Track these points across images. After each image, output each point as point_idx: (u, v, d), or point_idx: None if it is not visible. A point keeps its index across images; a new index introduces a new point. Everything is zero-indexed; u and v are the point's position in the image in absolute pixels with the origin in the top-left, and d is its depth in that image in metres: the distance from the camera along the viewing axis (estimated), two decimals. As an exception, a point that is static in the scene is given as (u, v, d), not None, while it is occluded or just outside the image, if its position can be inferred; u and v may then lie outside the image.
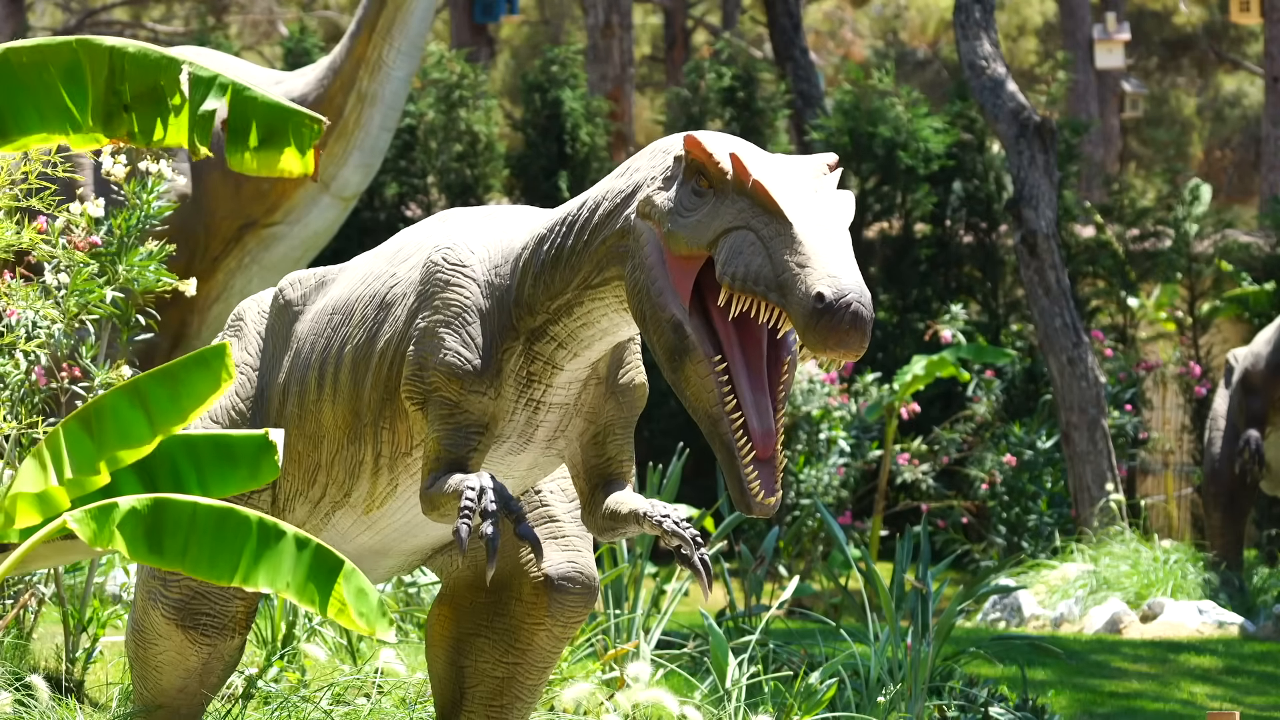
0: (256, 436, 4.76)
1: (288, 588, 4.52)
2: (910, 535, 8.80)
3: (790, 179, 4.51)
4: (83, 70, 4.77)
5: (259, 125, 4.85)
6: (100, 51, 4.78)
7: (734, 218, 4.47)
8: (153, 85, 4.79)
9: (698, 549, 4.83)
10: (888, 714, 7.52)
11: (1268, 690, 10.27)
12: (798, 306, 4.31)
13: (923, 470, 14.96)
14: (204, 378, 4.69)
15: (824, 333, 4.28)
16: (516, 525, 4.73)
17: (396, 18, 10.11)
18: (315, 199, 10.22)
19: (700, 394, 4.54)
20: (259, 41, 32.98)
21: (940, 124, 17.18)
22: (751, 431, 4.52)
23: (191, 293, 6.85)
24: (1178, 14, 34.69)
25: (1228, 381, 13.12)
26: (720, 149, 4.55)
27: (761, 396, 4.56)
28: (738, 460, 4.52)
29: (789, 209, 4.41)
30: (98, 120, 4.78)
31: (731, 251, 4.44)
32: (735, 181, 4.49)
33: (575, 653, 7.75)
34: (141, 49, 4.80)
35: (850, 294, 4.28)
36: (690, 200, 4.57)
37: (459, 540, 4.69)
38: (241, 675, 6.87)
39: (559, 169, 17.09)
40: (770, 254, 4.37)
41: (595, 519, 5.10)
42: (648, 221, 4.65)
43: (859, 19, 36.49)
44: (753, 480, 4.52)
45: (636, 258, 4.65)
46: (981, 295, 17.24)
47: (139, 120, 4.80)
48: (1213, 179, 32.49)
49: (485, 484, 4.75)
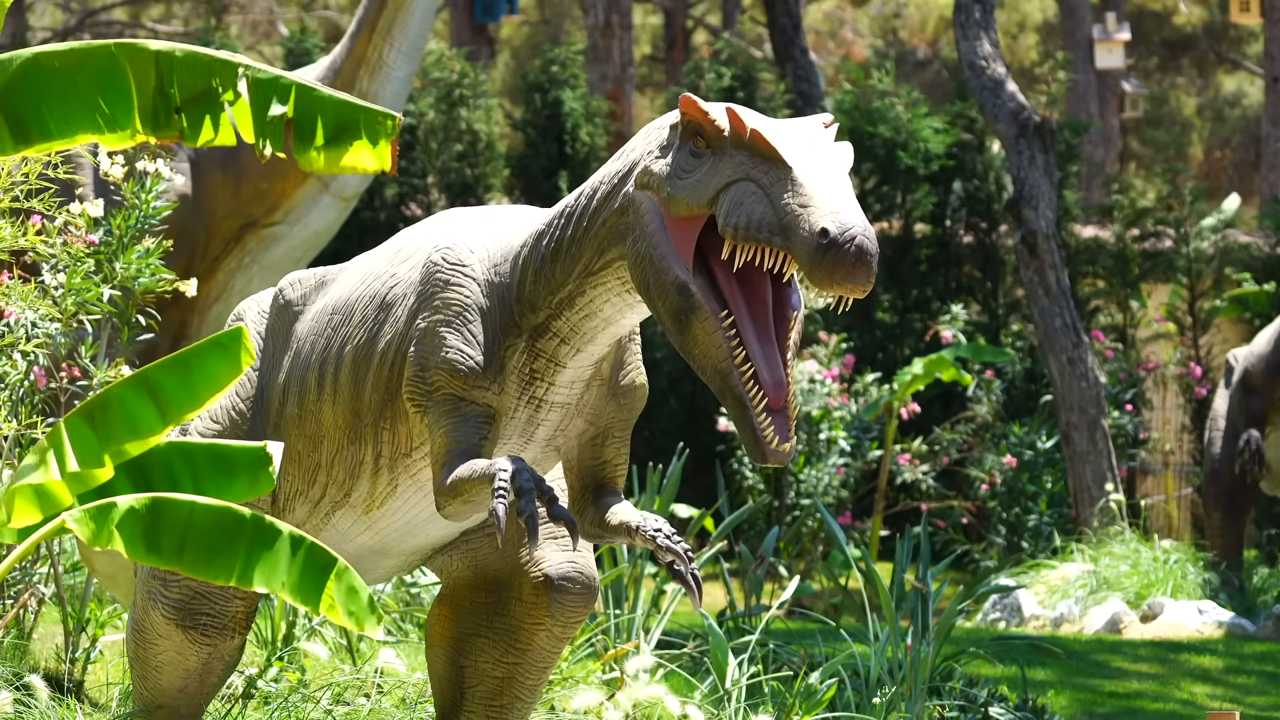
0: (254, 448, 4.76)
1: (283, 587, 4.53)
2: (910, 535, 8.79)
3: (788, 131, 4.55)
4: (123, 73, 4.77)
5: (326, 122, 4.85)
6: (145, 55, 4.78)
7: (733, 171, 4.50)
8: (206, 88, 4.79)
9: (689, 564, 4.84)
10: (888, 714, 7.52)
11: (1268, 690, 10.27)
12: (802, 245, 4.33)
13: (923, 470, 14.96)
14: (221, 362, 4.69)
15: (830, 267, 4.31)
16: (551, 506, 4.72)
17: (396, 18, 10.11)
18: (315, 199, 10.22)
19: (709, 350, 4.56)
20: (259, 41, 32.97)
21: (940, 124, 17.18)
22: (763, 382, 4.53)
23: (192, 293, 6.85)
24: (1178, 14, 34.69)
25: (1228, 381, 13.12)
26: (716, 107, 4.58)
27: (770, 349, 4.58)
28: (750, 411, 4.53)
29: (788, 154, 4.44)
30: (146, 122, 4.78)
31: (733, 204, 4.47)
32: (733, 136, 4.52)
33: (575, 653, 7.75)
34: (190, 52, 4.80)
35: (855, 228, 4.31)
36: (688, 162, 4.60)
37: (496, 520, 4.65)
38: (241, 675, 6.87)
39: (559, 169, 17.09)
40: (771, 200, 4.41)
41: (582, 521, 5.10)
42: (646, 191, 4.68)
43: (859, 19, 36.50)
44: (766, 428, 4.52)
45: (637, 229, 4.67)
46: (981, 295, 17.24)
47: (188, 122, 4.81)
48: (1213, 179, 32.52)
49: (517, 465, 4.74)
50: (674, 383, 16.52)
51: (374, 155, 4.89)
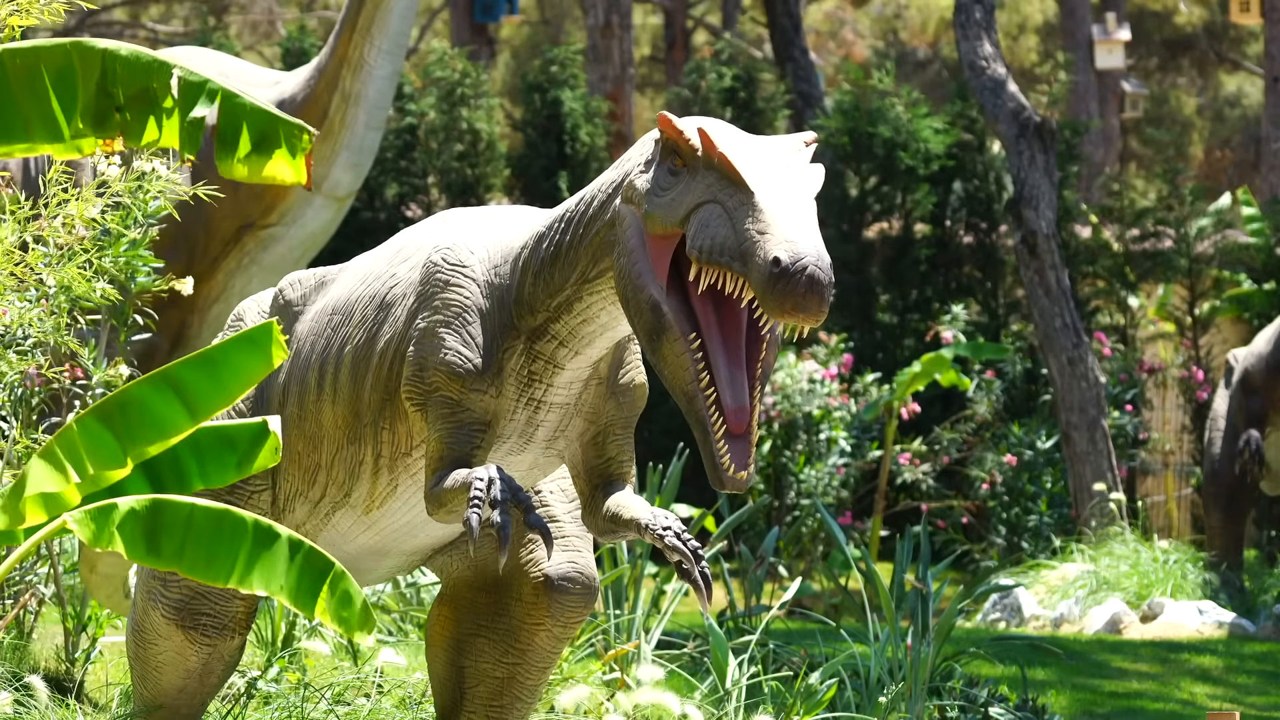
0: (254, 424, 4.78)
1: (281, 590, 4.53)
2: (910, 535, 8.79)
3: (760, 154, 4.54)
4: (74, 72, 4.79)
5: (250, 131, 4.86)
6: (93, 54, 4.80)
7: (703, 192, 4.51)
8: (145, 88, 4.81)
9: (698, 563, 4.83)
10: (888, 714, 7.52)
11: (1268, 690, 10.27)
12: (756, 272, 4.34)
13: (923, 470, 14.95)
14: (251, 357, 4.69)
15: (780, 296, 4.32)
16: (526, 515, 4.74)
17: (376, 16, 10.12)
18: (309, 200, 10.23)
19: (676, 372, 4.58)
20: (258, 42, 32.97)
21: (940, 124, 17.17)
22: (724, 407, 4.55)
23: (188, 292, 6.84)
24: (1178, 14, 34.68)
25: (1228, 382, 13.11)
26: (690, 125, 4.59)
27: (737, 373, 4.59)
28: (710, 435, 4.54)
29: (751, 179, 4.45)
30: (88, 122, 4.80)
31: (700, 225, 4.48)
32: (704, 156, 4.53)
33: (575, 653, 7.75)
34: (135, 51, 4.82)
35: (806, 258, 4.31)
36: (666, 180, 4.61)
37: (469, 531, 4.68)
38: (242, 675, 6.87)
39: (559, 169, 17.08)
40: (734, 224, 4.42)
41: (596, 520, 5.10)
42: (630, 205, 4.70)
43: (859, 19, 36.48)
44: (723, 454, 4.54)
45: (620, 243, 4.69)
46: (981, 295, 17.23)
47: (131, 122, 4.82)
48: (1213, 179, 32.50)
49: (493, 474, 4.76)
50: (674, 383, 16.50)
51: (292, 167, 4.90)
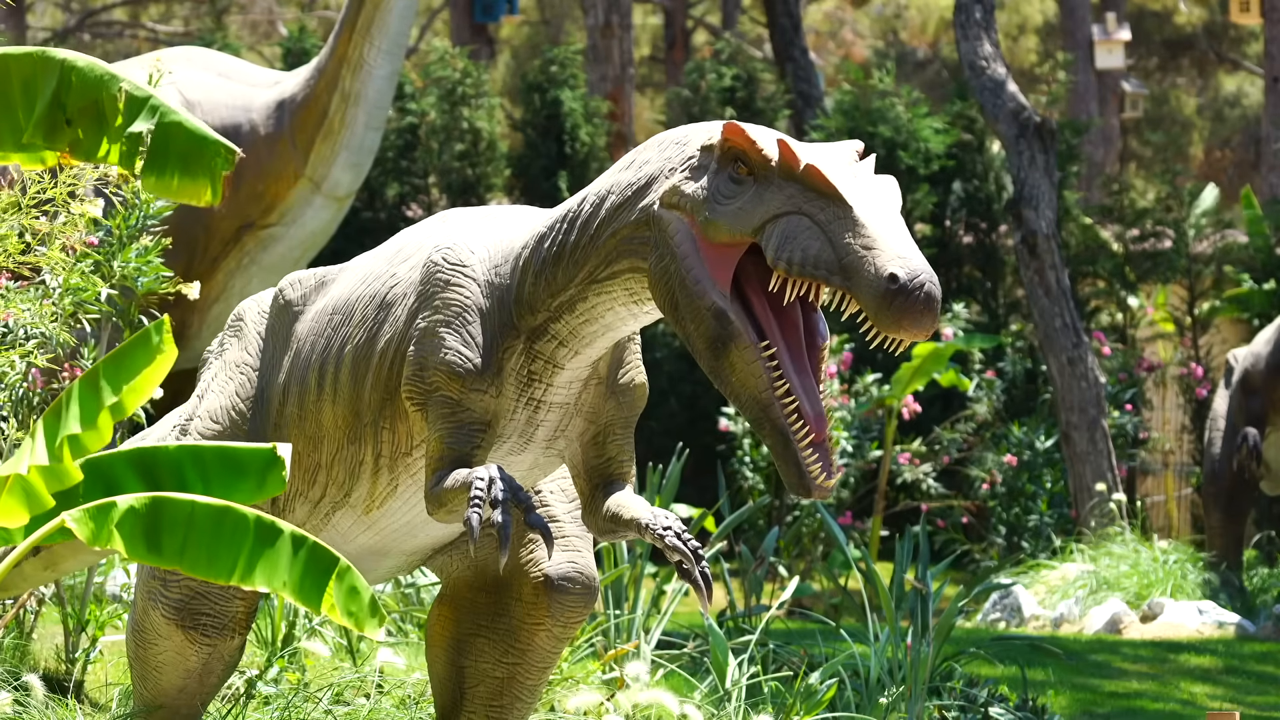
0: (264, 450, 4.78)
1: (284, 586, 4.53)
2: (910, 535, 8.79)
3: (836, 163, 4.54)
4: (36, 82, 4.81)
5: (176, 151, 4.88)
6: (53, 64, 4.82)
7: (783, 203, 4.48)
8: (94, 100, 4.83)
9: (698, 563, 4.83)
10: (888, 714, 7.52)
11: (1268, 690, 10.27)
12: (868, 288, 4.34)
13: (923, 470, 14.95)
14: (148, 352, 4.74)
15: (899, 313, 4.33)
16: (526, 514, 4.74)
17: (375, 16, 10.13)
18: (308, 200, 10.23)
19: (747, 380, 4.55)
20: (259, 42, 32.97)
21: (940, 124, 17.17)
22: (805, 415, 4.54)
23: (195, 296, 6.85)
24: (1178, 14, 34.69)
25: (1227, 381, 13.11)
26: (763, 135, 4.57)
27: (808, 379, 4.60)
28: (794, 445, 4.53)
29: (847, 192, 4.44)
30: (39, 133, 4.82)
31: (784, 237, 4.46)
32: (782, 167, 4.51)
33: (575, 653, 7.75)
34: (90, 63, 4.84)
35: (923, 274, 4.34)
36: (728, 188, 4.58)
37: (470, 530, 4.68)
38: (242, 676, 6.87)
39: (559, 169, 17.09)
40: (830, 238, 4.41)
41: (596, 520, 5.10)
42: (675, 211, 4.65)
43: (859, 19, 36.49)
44: (813, 464, 4.54)
45: (663, 247, 4.65)
46: (981, 295, 17.23)
47: (82, 135, 4.84)
48: (1213, 179, 32.50)
49: (493, 474, 4.76)
50: (674, 383, 16.52)
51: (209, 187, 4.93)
